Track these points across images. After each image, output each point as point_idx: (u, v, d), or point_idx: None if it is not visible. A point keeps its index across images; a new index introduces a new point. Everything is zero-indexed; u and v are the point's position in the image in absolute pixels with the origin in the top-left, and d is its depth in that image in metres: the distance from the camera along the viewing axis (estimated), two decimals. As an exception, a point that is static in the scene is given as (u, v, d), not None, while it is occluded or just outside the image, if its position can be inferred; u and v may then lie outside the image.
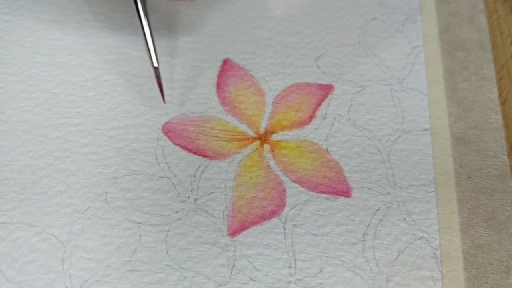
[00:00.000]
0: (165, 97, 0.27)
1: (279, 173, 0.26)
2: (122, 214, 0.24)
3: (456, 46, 0.30)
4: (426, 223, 0.25)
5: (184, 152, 0.26)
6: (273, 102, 0.28)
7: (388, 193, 0.26)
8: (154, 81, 0.28)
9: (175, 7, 0.31)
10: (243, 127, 0.27)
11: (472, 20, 0.31)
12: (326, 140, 0.27)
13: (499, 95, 0.29)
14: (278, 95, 0.28)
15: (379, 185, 0.26)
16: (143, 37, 0.25)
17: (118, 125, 0.26)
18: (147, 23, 0.25)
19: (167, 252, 0.23)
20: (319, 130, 0.27)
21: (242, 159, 0.26)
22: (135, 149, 0.26)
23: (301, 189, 0.25)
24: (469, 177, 0.26)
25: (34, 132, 0.26)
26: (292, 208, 0.25)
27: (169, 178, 0.25)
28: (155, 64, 0.25)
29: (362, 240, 0.24)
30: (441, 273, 0.24)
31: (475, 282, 0.24)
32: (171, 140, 0.26)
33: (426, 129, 0.28)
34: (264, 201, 0.25)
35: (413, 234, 0.25)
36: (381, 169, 0.26)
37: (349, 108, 0.28)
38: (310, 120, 0.27)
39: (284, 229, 0.24)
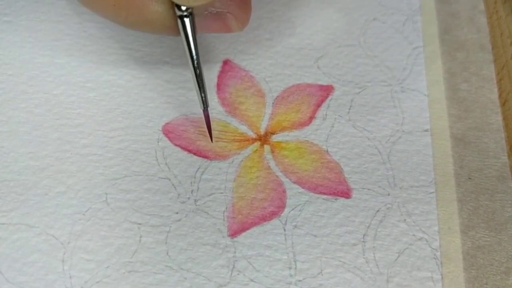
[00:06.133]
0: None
1: (280, 174, 0.26)
2: (122, 215, 0.24)
3: (456, 47, 0.30)
4: (426, 224, 0.25)
5: (185, 153, 0.26)
6: (273, 103, 0.28)
7: (388, 194, 0.26)
8: (154, 81, 0.28)
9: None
10: (243, 128, 0.27)
11: (472, 20, 0.31)
12: (326, 141, 0.27)
13: (499, 96, 0.29)
14: (278, 96, 0.28)
15: (379, 186, 0.26)
16: (193, 79, 0.25)
17: (119, 126, 0.26)
18: (198, 64, 0.25)
19: (167, 253, 0.23)
20: (319, 131, 0.27)
21: (242, 160, 0.26)
22: (135, 150, 0.26)
23: (301, 190, 0.25)
24: (469, 178, 0.26)
25: (35, 133, 0.26)
26: (292, 209, 0.25)
27: (170, 179, 0.25)
28: (203, 107, 0.25)
29: (362, 241, 0.24)
30: (441, 274, 0.24)
31: (475, 283, 0.24)
32: (171, 141, 0.26)
33: (426, 130, 0.28)
34: (264, 202, 0.25)
35: (413, 235, 0.25)
36: (381, 170, 0.26)
37: (349, 109, 0.28)
38: (310, 121, 0.27)
39: (284, 230, 0.24)
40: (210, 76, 0.28)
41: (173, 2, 0.24)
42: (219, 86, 0.28)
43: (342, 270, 0.24)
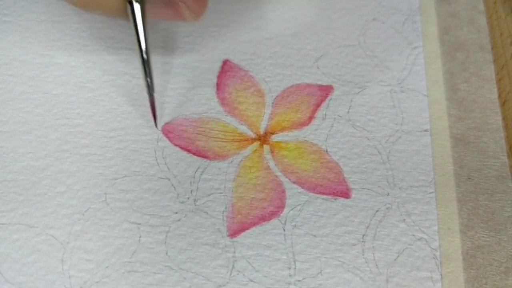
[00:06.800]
0: (157, 120, 0.26)
1: (279, 174, 0.26)
2: (122, 215, 0.24)
3: (456, 47, 0.30)
4: (425, 224, 0.25)
5: (184, 153, 0.26)
6: (273, 103, 0.28)
7: (388, 194, 0.26)
8: (155, 81, 0.28)
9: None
10: (242, 128, 0.27)
11: (472, 21, 0.31)
12: (326, 141, 0.27)
13: (499, 96, 0.29)
14: (278, 96, 0.28)
15: (379, 186, 0.26)
16: (140, 64, 0.25)
17: (118, 126, 0.26)
18: (145, 49, 0.25)
19: (166, 253, 0.23)
20: (318, 131, 0.27)
21: (241, 160, 0.26)
22: (135, 150, 0.26)
23: (300, 190, 0.25)
24: (469, 178, 0.26)
25: (34, 133, 0.26)
26: (291, 209, 0.25)
27: (169, 179, 0.25)
28: (148, 93, 0.25)
29: (362, 241, 0.24)
30: (441, 274, 0.24)
31: (474, 283, 0.24)
32: (170, 141, 0.26)
33: (426, 130, 0.28)
34: (264, 202, 0.25)
35: (413, 235, 0.25)
36: (381, 170, 0.26)
37: (348, 109, 0.28)
38: (310, 121, 0.27)
39: (284, 230, 0.24)
40: (210, 76, 0.28)
41: None
42: (219, 86, 0.28)
43: (342, 270, 0.24)
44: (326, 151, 0.27)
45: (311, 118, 0.28)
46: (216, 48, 0.29)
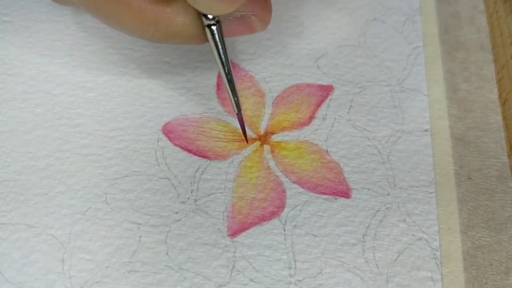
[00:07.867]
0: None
1: (279, 174, 0.26)
2: (122, 215, 0.24)
3: (456, 47, 0.30)
4: (426, 224, 0.25)
5: (184, 153, 0.26)
6: (273, 103, 0.28)
7: (388, 194, 0.26)
8: (154, 81, 0.28)
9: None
10: (243, 128, 0.27)
11: (472, 20, 0.31)
12: (326, 141, 0.27)
13: (499, 96, 0.29)
14: (278, 96, 0.28)
15: (379, 186, 0.26)
16: (226, 84, 0.25)
17: (118, 126, 0.26)
18: (228, 69, 0.25)
19: (167, 253, 0.23)
20: (319, 131, 0.27)
21: (242, 160, 0.26)
22: (135, 150, 0.26)
23: (301, 190, 0.25)
24: (469, 178, 0.26)
25: (34, 133, 0.26)
26: (292, 209, 0.25)
27: (169, 179, 0.25)
28: (236, 110, 0.26)
29: (362, 241, 0.24)
30: (441, 274, 0.24)
31: (475, 283, 0.24)
32: (171, 141, 0.26)
33: (426, 130, 0.28)
34: (264, 202, 0.25)
35: (413, 235, 0.25)
36: (381, 170, 0.26)
37: (349, 109, 0.28)
38: (310, 121, 0.27)
39: (284, 230, 0.24)
40: (210, 76, 0.28)
41: (199, 12, 0.24)
42: (219, 86, 0.28)
43: (342, 270, 0.24)
44: (327, 151, 0.27)
45: (311, 118, 0.28)
46: (216, 48, 0.29)
